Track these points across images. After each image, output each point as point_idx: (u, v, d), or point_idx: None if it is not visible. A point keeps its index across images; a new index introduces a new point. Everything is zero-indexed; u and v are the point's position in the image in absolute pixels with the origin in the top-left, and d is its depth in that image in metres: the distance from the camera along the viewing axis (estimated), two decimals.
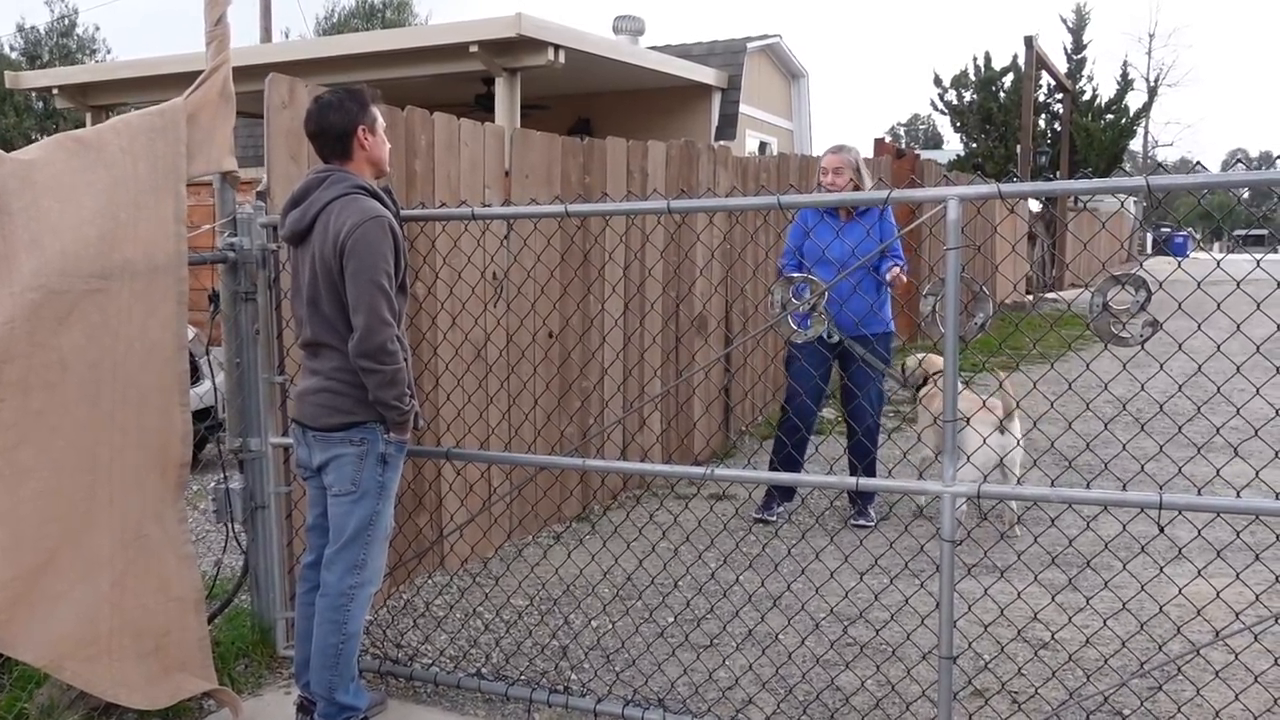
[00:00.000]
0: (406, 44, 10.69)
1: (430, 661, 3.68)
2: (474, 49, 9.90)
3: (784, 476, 3.27)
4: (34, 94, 22.11)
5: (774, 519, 5.29)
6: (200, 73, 3.41)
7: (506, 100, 10.26)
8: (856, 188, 5.08)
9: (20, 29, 27.53)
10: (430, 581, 4.43)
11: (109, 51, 29.20)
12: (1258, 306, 2.72)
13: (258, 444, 3.61)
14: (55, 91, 13.68)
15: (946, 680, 2.82)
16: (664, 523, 4.82)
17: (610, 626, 3.98)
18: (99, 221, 2.99)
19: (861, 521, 5.22)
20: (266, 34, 20.86)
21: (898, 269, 4.99)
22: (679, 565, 4.37)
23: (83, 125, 12.55)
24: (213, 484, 3.66)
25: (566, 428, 5.19)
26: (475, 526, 4.57)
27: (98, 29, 39.24)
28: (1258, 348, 2.82)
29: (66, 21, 27.99)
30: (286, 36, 29.84)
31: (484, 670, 3.60)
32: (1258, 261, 2.79)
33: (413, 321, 4.13)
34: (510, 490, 4.81)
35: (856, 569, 3.87)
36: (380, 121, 3.07)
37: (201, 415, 5.05)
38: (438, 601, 4.23)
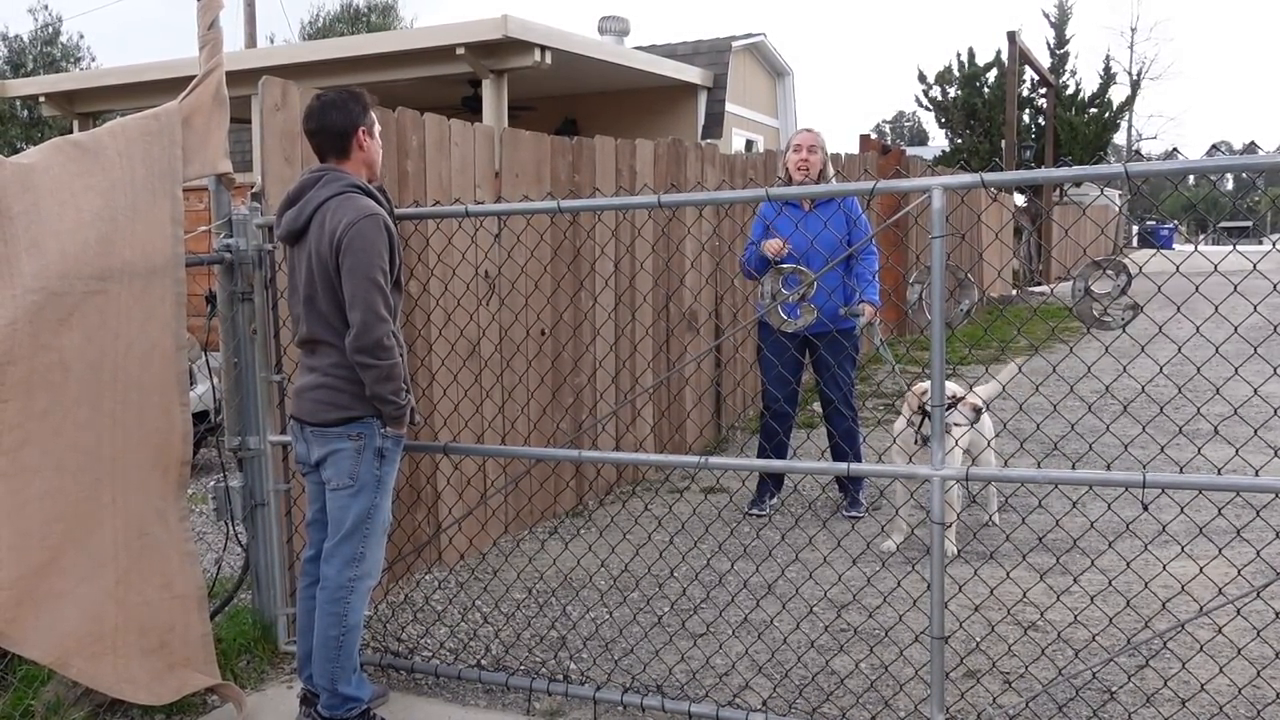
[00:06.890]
0: (393, 47, 10.71)
1: (431, 654, 3.73)
2: (461, 51, 9.93)
3: (778, 464, 3.34)
4: (19, 102, 22.04)
5: (766, 513, 5.36)
6: (187, 78, 3.45)
7: (494, 101, 10.29)
8: (823, 167, 5.17)
9: (3, 38, 27.37)
10: (429, 576, 4.48)
11: (93, 59, 29.04)
12: (1235, 289, 2.79)
13: (256, 442, 3.65)
14: (42, 99, 13.65)
15: (939, 660, 2.88)
16: (659, 514, 4.88)
17: (608, 616, 4.03)
18: (98, 224, 3.04)
19: (853, 512, 5.29)
20: (251, 40, 20.84)
21: (870, 309, 5.10)
22: (674, 555, 4.43)
23: (69, 133, 12.53)
24: (212, 483, 3.70)
25: (561, 421, 5.24)
26: (472, 521, 4.62)
27: (81, 37, 39.10)
28: (1235, 329, 2.90)
29: (50, 29, 27.84)
30: (271, 42, 29.77)
31: (484, 661, 3.65)
32: (1233, 246, 2.87)
33: (408, 319, 4.18)
34: (506, 484, 4.86)
35: (849, 554, 3.94)
36: (378, 126, 3.14)
37: (197, 419, 5.09)
38: (436, 595, 4.28)
